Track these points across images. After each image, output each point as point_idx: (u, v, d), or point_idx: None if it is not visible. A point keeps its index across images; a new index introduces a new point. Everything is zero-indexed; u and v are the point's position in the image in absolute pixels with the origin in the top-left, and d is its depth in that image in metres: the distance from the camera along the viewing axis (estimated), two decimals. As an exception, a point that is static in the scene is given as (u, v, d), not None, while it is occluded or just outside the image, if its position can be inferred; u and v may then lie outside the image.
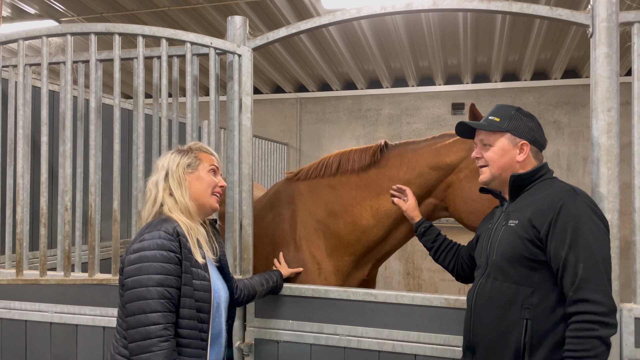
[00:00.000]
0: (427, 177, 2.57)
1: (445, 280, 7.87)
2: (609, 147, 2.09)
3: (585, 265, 1.62)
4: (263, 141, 7.44)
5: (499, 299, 1.78)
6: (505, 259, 1.78)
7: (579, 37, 6.10)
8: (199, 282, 1.77)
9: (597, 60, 2.12)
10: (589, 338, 1.57)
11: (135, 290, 1.66)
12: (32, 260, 3.24)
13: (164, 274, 1.67)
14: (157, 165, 1.94)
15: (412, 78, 8.00)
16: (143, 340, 1.61)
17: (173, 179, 1.87)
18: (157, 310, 1.63)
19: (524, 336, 1.70)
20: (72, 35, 2.52)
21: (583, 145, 7.53)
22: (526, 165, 1.89)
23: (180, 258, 1.74)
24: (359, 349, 2.36)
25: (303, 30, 2.48)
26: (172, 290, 1.68)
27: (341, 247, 2.71)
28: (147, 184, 1.94)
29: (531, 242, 1.72)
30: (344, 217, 2.71)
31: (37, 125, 2.98)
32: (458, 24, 6.05)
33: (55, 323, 2.76)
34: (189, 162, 1.91)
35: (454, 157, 2.52)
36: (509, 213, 1.87)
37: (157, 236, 1.71)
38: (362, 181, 2.72)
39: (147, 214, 1.88)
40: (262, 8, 5.72)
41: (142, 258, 1.68)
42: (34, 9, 5.97)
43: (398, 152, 2.70)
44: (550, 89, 7.70)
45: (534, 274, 1.72)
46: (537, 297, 1.71)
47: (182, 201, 1.85)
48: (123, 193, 3.95)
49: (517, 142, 1.89)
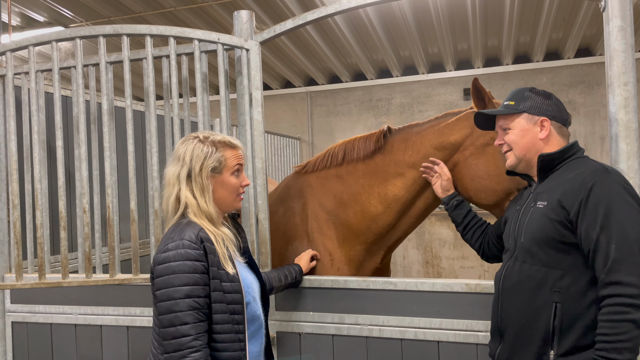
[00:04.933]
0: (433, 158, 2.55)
1: (464, 268, 7.82)
2: (627, 122, 2.04)
3: (617, 246, 1.57)
4: (275, 136, 7.45)
5: (527, 282, 1.75)
6: (534, 241, 1.74)
7: (590, 13, 5.98)
8: (228, 284, 1.74)
9: (611, 34, 2.08)
10: (623, 322, 1.52)
11: (164, 303, 1.66)
12: (53, 264, 3.29)
13: (191, 284, 1.66)
14: (179, 154, 1.83)
15: (422, 65, 7.93)
16: (175, 352, 1.63)
17: (196, 184, 1.79)
18: (187, 322, 1.63)
19: (553, 320, 1.67)
20: (81, 38, 2.54)
21: (599, 124, 7.41)
22: (551, 142, 1.85)
23: (207, 266, 1.71)
24: (381, 337, 2.35)
25: (310, 20, 2.47)
26: (200, 300, 1.67)
27: (352, 236, 2.70)
28: (166, 172, 1.85)
29: (561, 224, 1.68)
30: (353, 206, 2.70)
31: (52, 130, 3.01)
32: (467, 8, 5.98)
33: (80, 325, 2.80)
34: (214, 166, 1.81)
35: (458, 135, 2.49)
36: (537, 194, 1.82)
37: (181, 246, 1.69)
38: (368, 168, 2.70)
39: (171, 209, 1.82)
40: (267, 2, 5.71)
41: (168, 270, 1.67)
42: (42, 16, 6.03)
43: (402, 136, 2.67)
44: (563, 69, 7.58)
45: (564, 256, 1.68)
46: (567, 280, 1.67)
47: (205, 208, 1.79)
48: (139, 193, 3.98)
49: (536, 120, 1.86)
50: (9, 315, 2.92)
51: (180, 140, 1.90)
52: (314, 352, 2.45)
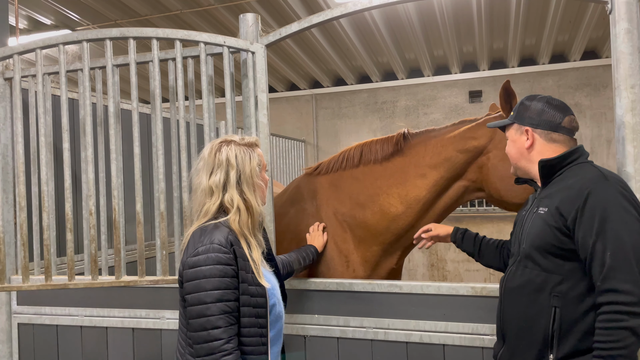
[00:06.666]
0: (455, 160, 2.61)
1: (470, 271, 7.80)
2: (634, 125, 2.04)
3: (612, 253, 1.56)
4: (280, 139, 7.45)
5: (528, 286, 1.75)
6: (534, 247, 1.75)
7: (597, 16, 5.96)
8: (254, 287, 1.75)
9: (618, 36, 2.07)
10: (618, 329, 1.52)
11: (195, 307, 1.66)
12: (59, 265, 3.30)
13: (223, 288, 1.67)
14: (221, 160, 1.80)
15: (428, 68, 7.92)
16: (207, 356, 1.64)
17: (248, 186, 1.80)
18: (219, 326, 1.64)
19: (553, 324, 1.67)
20: (87, 41, 2.55)
21: (606, 127, 7.37)
22: (538, 150, 1.85)
23: (237, 270, 1.72)
24: (386, 340, 2.34)
25: (315, 23, 2.47)
26: (231, 303, 1.68)
27: (369, 237, 2.72)
28: (203, 181, 1.80)
29: (559, 231, 1.68)
30: (370, 206, 2.72)
31: (58, 133, 3.02)
32: (472, 10, 5.97)
33: (86, 326, 2.81)
34: (258, 163, 1.84)
35: (481, 140, 2.57)
36: (540, 200, 1.83)
37: (212, 249, 1.69)
38: (386, 170, 2.74)
39: (202, 216, 1.80)
40: (272, 5, 5.72)
41: (199, 274, 1.67)
42: (49, 19, 6.07)
43: (421, 140, 2.74)
44: (569, 72, 7.56)
45: (563, 262, 1.68)
46: (566, 285, 1.67)
47: (259, 210, 1.82)
48: (145, 195, 4.00)
49: (522, 130, 1.88)
50: (16, 316, 2.93)
51: (210, 149, 1.85)
52: (319, 355, 2.44)
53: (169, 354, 2.66)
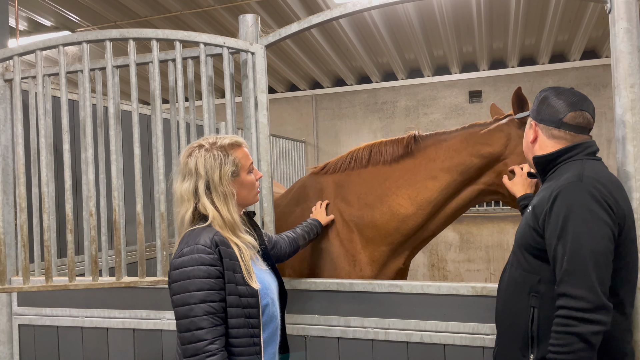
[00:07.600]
0: (469, 165, 2.62)
1: (470, 271, 7.80)
2: (634, 124, 2.04)
3: (569, 257, 1.54)
4: (280, 139, 7.45)
5: (513, 286, 1.77)
6: (518, 246, 1.76)
7: (596, 16, 5.97)
8: (243, 287, 1.73)
9: (617, 36, 2.07)
10: (567, 334, 1.50)
11: (180, 308, 1.67)
12: (60, 267, 3.30)
13: (206, 289, 1.66)
14: (190, 168, 1.78)
15: (427, 68, 7.92)
16: (192, 357, 1.64)
17: (217, 193, 1.76)
18: (203, 327, 1.64)
19: (531, 324, 1.67)
20: (87, 42, 2.56)
21: (606, 126, 7.37)
22: (540, 145, 1.83)
23: (222, 270, 1.70)
24: (387, 340, 2.34)
25: (315, 24, 2.47)
26: (215, 304, 1.67)
27: (378, 237, 2.72)
28: (177, 188, 1.80)
29: (535, 231, 1.67)
30: (379, 207, 2.72)
31: (59, 134, 3.03)
32: (472, 10, 5.97)
33: (86, 327, 2.81)
34: (232, 170, 1.79)
35: (496, 146, 2.57)
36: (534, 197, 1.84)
37: (196, 250, 1.68)
38: (395, 172, 2.75)
39: (187, 224, 1.79)
40: (272, 6, 5.72)
41: (182, 275, 1.67)
42: (49, 21, 6.08)
43: (432, 142, 2.75)
44: (569, 71, 7.56)
45: (541, 263, 1.68)
46: (543, 286, 1.66)
47: (229, 218, 1.77)
48: (145, 196, 4.00)
49: (531, 123, 1.88)
50: (16, 318, 2.94)
51: (185, 152, 1.84)
52: (320, 356, 2.44)
53: (170, 354, 2.67)
